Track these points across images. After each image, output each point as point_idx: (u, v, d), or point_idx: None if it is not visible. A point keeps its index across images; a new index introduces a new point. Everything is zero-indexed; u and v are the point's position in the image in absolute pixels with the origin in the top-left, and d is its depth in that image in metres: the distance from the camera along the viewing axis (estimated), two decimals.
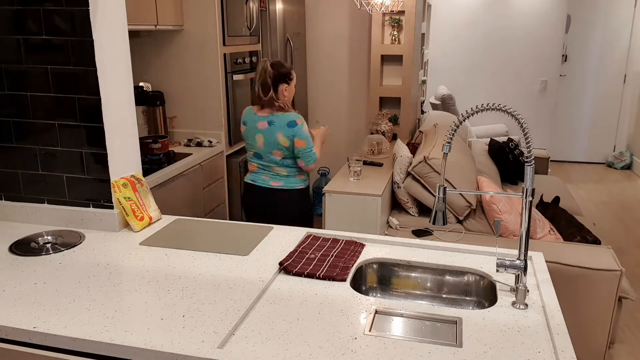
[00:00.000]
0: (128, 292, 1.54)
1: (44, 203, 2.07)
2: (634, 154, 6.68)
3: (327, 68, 4.72)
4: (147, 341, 1.29)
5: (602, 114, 6.94)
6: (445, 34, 6.74)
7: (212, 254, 1.80)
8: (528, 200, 1.47)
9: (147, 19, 2.95)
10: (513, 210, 2.95)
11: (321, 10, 4.60)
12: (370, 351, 1.27)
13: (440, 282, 1.76)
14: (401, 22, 4.28)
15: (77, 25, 1.87)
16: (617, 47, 6.71)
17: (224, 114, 3.49)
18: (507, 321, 1.41)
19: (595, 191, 5.87)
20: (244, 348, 1.28)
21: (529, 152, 1.43)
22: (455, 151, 3.39)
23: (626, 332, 3.09)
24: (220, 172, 3.50)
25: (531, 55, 6.60)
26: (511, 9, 6.51)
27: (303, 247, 1.83)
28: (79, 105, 1.94)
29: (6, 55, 1.96)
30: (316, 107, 4.83)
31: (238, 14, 3.55)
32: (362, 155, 3.73)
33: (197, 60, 3.40)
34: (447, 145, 1.49)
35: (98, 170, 1.99)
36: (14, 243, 1.88)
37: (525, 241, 1.50)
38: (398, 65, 4.41)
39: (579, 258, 2.51)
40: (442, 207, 1.53)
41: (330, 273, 1.64)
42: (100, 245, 1.88)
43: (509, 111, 1.45)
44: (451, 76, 6.84)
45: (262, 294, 1.54)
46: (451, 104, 5.78)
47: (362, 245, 1.87)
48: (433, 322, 1.43)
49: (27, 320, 1.39)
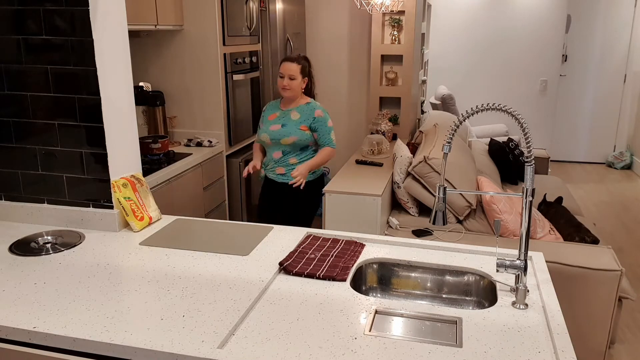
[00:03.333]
0: (128, 292, 1.54)
1: (44, 203, 2.07)
2: (634, 154, 6.68)
3: (327, 68, 4.72)
4: (147, 341, 1.29)
5: (602, 114, 6.94)
6: (445, 34, 6.74)
7: (212, 254, 1.80)
8: (528, 200, 1.47)
9: (147, 19, 2.95)
10: (513, 210, 2.95)
11: (321, 10, 4.60)
12: (370, 351, 1.27)
13: (440, 282, 1.76)
14: (401, 22, 4.28)
15: (77, 25, 1.87)
16: (617, 47, 6.71)
17: (224, 114, 3.49)
18: (507, 321, 1.41)
19: (596, 191, 5.87)
20: (244, 348, 1.28)
21: (529, 152, 1.43)
22: (455, 151, 3.39)
23: (626, 332, 3.09)
24: (220, 172, 3.50)
25: (531, 55, 6.60)
26: (511, 9, 6.51)
27: (303, 247, 1.83)
28: (78, 105, 1.94)
29: (6, 55, 1.96)
30: None
31: (238, 14, 3.55)
32: (362, 155, 3.73)
33: (197, 60, 3.40)
34: (447, 145, 1.49)
35: (98, 170, 1.99)
36: (14, 243, 1.88)
37: (526, 241, 1.50)
38: (398, 65, 4.41)
39: (579, 258, 2.51)
40: (442, 207, 1.53)
41: (330, 273, 1.64)
42: (100, 245, 1.88)
43: (509, 111, 1.45)
44: (451, 76, 6.84)
45: (262, 294, 1.54)
46: (451, 104, 5.77)
47: (362, 245, 1.87)
48: (433, 322, 1.42)
49: (27, 320, 1.39)
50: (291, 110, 2.93)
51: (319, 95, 4.80)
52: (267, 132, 2.93)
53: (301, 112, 2.91)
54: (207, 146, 3.38)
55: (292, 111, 2.93)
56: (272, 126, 2.92)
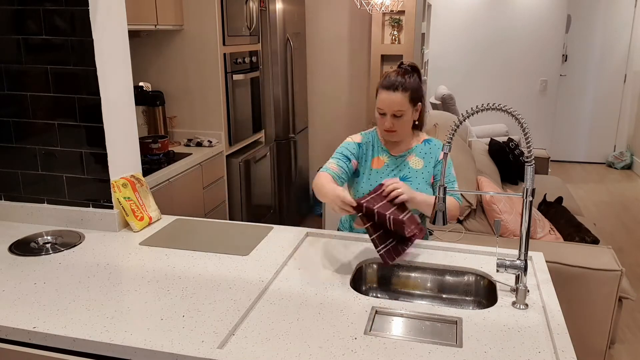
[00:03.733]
0: (128, 292, 1.54)
1: (44, 203, 2.07)
2: (634, 154, 6.68)
3: (327, 68, 4.71)
4: (146, 341, 1.29)
5: (602, 114, 6.93)
6: (445, 34, 6.74)
7: (212, 254, 1.80)
8: (528, 200, 1.47)
9: (147, 19, 2.94)
10: (513, 210, 2.95)
11: (321, 10, 4.60)
12: (370, 351, 1.27)
13: (440, 282, 1.76)
14: (401, 22, 4.28)
15: (77, 25, 1.87)
16: (617, 47, 6.71)
17: (224, 114, 3.48)
18: (507, 321, 1.41)
19: (596, 191, 5.87)
20: (244, 348, 1.27)
21: (529, 152, 1.43)
22: (455, 151, 3.39)
23: (626, 332, 3.09)
24: (220, 172, 3.50)
25: (531, 55, 6.60)
26: (511, 9, 6.51)
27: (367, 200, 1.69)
28: (78, 105, 1.94)
29: (6, 55, 1.95)
30: (316, 107, 4.83)
31: (238, 13, 3.55)
32: None
33: (197, 60, 3.40)
34: (447, 145, 1.49)
35: (98, 170, 1.99)
36: (13, 243, 1.88)
37: (526, 241, 1.50)
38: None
39: (579, 258, 2.51)
40: (442, 207, 1.53)
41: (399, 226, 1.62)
42: (100, 245, 1.88)
43: (509, 111, 1.45)
44: (451, 76, 6.84)
45: (262, 294, 1.54)
46: (451, 104, 5.77)
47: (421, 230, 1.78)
48: (433, 322, 1.42)
49: (27, 320, 1.39)
50: (407, 154, 2.00)
51: (320, 96, 4.80)
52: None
53: (423, 155, 1.99)
54: (207, 146, 3.38)
55: (408, 155, 2.00)
56: (387, 180, 1.85)
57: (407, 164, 1.98)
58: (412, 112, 1.92)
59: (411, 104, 1.89)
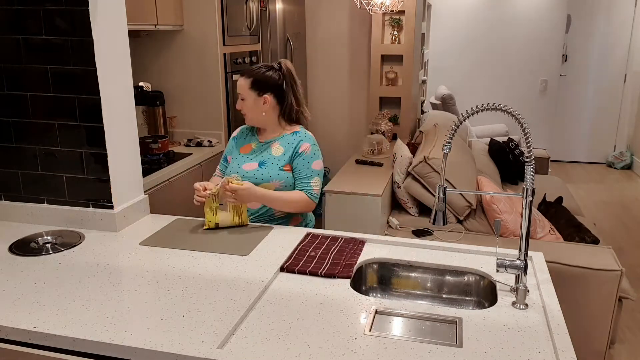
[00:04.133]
0: (128, 292, 1.54)
1: (43, 203, 2.07)
2: (634, 154, 6.68)
3: (327, 68, 4.71)
4: (146, 341, 1.29)
5: (602, 114, 6.93)
6: (445, 34, 6.74)
7: (212, 254, 1.80)
8: (528, 200, 1.47)
9: (147, 19, 2.95)
10: (513, 210, 2.95)
11: (321, 10, 4.60)
12: (370, 351, 1.27)
13: (440, 282, 1.76)
14: (401, 22, 4.28)
15: (77, 25, 1.87)
16: (617, 47, 6.71)
17: (224, 114, 3.48)
18: (507, 321, 1.41)
19: (596, 191, 5.87)
20: (244, 348, 1.27)
21: (529, 152, 1.43)
22: (455, 151, 3.39)
23: (626, 332, 3.09)
24: None
25: (531, 55, 6.60)
26: (511, 9, 6.51)
27: (303, 245, 1.83)
28: (78, 105, 1.94)
29: (6, 55, 1.95)
30: (316, 107, 4.82)
31: (238, 14, 3.55)
32: (362, 155, 3.73)
33: (197, 60, 3.40)
34: (447, 145, 1.49)
35: (98, 170, 1.99)
36: (13, 243, 1.88)
37: (526, 241, 1.50)
38: (398, 65, 4.41)
39: (579, 258, 2.51)
40: (442, 207, 1.53)
41: (332, 271, 1.64)
42: (100, 245, 1.88)
43: (509, 111, 1.45)
44: (451, 76, 6.84)
45: (262, 294, 1.54)
46: (451, 104, 5.77)
47: (362, 243, 1.87)
48: (433, 322, 1.42)
49: (27, 320, 1.39)
50: (271, 142, 2.15)
51: (319, 96, 4.80)
52: (238, 172, 2.12)
53: (285, 144, 2.13)
54: (207, 146, 3.38)
55: (272, 143, 2.15)
56: (246, 164, 2.13)
57: (270, 151, 2.13)
58: (256, 99, 2.08)
59: (254, 91, 2.07)
